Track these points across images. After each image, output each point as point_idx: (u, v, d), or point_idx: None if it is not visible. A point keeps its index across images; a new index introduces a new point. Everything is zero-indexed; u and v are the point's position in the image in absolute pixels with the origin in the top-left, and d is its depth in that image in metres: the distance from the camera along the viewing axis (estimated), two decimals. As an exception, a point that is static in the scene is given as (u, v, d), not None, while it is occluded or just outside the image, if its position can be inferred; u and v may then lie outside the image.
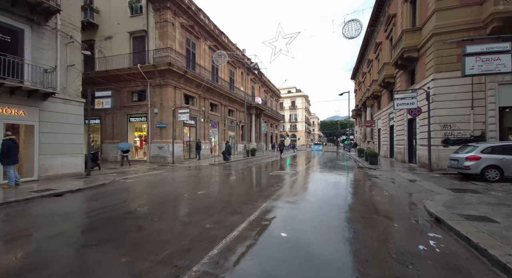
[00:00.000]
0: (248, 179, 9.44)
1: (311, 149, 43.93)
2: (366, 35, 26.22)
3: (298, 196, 6.06)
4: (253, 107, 29.73)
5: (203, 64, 19.55)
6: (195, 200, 5.70)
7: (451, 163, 8.86)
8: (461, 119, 10.11)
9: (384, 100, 20.33)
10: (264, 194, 6.22)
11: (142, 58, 15.72)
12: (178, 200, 5.69)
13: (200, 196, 6.03)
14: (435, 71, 10.41)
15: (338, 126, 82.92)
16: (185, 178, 9.43)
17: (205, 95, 19.59)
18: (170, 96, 15.26)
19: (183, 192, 6.53)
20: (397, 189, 6.85)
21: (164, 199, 5.74)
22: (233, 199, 5.69)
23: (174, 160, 15.01)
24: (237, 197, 6.02)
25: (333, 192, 6.51)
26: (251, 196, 6.01)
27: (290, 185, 7.61)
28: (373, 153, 13.42)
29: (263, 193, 6.37)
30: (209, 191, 6.72)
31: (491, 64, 7.35)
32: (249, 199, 5.71)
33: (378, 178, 8.98)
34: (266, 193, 6.35)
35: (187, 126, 17.91)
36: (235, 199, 5.75)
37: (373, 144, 25.11)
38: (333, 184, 7.94)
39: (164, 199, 5.79)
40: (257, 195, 6.15)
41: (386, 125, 19.52)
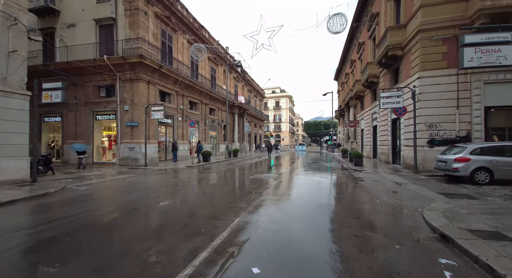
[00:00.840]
0: (224, 184, 8.45)
1: (295, 149, 43.70)
2: (349, 35, 26.19)
3: (278, 206, 5.19)
4: (236, 107, 28.71)
5: (181, 59, 18.24)
6: (152, 214, 4.63)
7: (438, 164, 8.46)
8: (446, 119, 9.82)
9: (367, 100, 20.20)
10: (239, 204, 5.29)
11: (110, 49, 14.17)
12: (130, 215, 4.58)
13: (161, 208, 4.96)
14: (420, 69, 10.06)
15: (321, 127, 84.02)
16: (153, 183, 8.25)
17: (184, 93, 18.28)
18: (142, 92, 13.86)
19: (142, 203, 5.42)
20: (387, 195, 6.21)
21: (112, 215, 4.60)
22: (201, 212, 4.69)
23: (147, 162, 13.63)
24: (207, 208, 5.02)
25: (319, 200, 5.72)
26: (223, 207, 5.04)
27: (270, 191, 6.74)
28: (358, 154, 12.97)
29: (238, 202, 5.43)
30: (175, 200, 5.66)
31: (491, 56, 6.87)
32: (221, 211, 4.74)
33: (365, 181, 8.37)
34: (242, 202, 5.42)
35: (163, 126, 16.54)
36: (203, 211, 4.75)
37: (356, 144, 25.07)
38: (319, 189, 7.19)
39: (113, 214, 4.66)
40: (231, 205, 5.20)
41: (369, 126, 19.37)
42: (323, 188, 7.38)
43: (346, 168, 13.05)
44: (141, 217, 4.44)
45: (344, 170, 12.19)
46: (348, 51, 29.66)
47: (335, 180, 9.20)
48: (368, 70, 17.08)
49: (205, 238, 3.31)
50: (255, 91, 40.58)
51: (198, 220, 4.12)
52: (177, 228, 3.74)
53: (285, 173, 11.12)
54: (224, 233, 3.49)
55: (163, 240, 3.29)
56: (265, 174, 10.24)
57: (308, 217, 4.44)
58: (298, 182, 8.45)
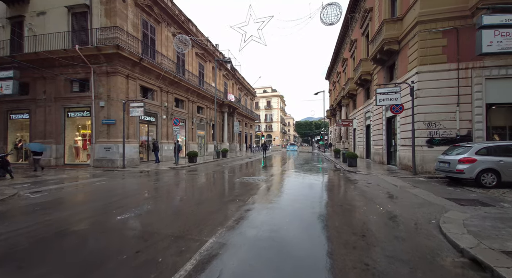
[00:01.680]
0: (205, 189, 7.48)
1: (286, 149, 43.07)
2: (340, 33, 25.71)
3: (265, 219, 4.29)
4: (225, 105, 27.66)
5: (166, 54, 17.07)
6: (98, 234, 3.60)
7: (440, 165, 7.82)
8: (446, 117, 9.23)
9: (360, 99, 19.67)
10: (218, 216, 4.36)
11: (84, 39, 12.88)
12: (68, 235, 3.52)
13: (115, 225, 3.95)
14: (419, 63, 9.43)
15: (312, 127, 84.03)
16: (123, 189, 7.17)
17: (168, 89, 17.12)
18: (120, 87, 12.64)
19: (95, 217, 4.38)
20: (390, 202, 5.43)
21: (44, 234, 3.53)
22: (166, 229, 3.72)
23: (126, 163, 12.44)
24: (175, 223, 4.05)
25: (314, 210, 4.86)
26: (197, 221, 4.10)
27: (257, 198, 5.83)
28: (353, 154, 12.28)
29: (217, 213, 4.50)
30: (140, 211, 4.66)
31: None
32: (192, 227, 3.79)
33: (362, 185, 7.61)
34: (221, 214, 4.49)
35: (145, 124, 15.33)
36: (169, 228, 3.79)
37: (349, 144, 24.58)
38: (313, 195, 6.34)
39: (47, 233, 3.59)
40: (208, 218, 4.26)
41: (362, 125, 18.83)
42: (317, 194, 6.55)
43: (339, 169, 12.33)
44: (80, 241, 3.34)
45: (338, 171, 11.46)
46: (339, 50, 29.22)
47: (330, 184, 8.41)
48: (361, 67, 16.50)
49: (158, 276, 2.35)
50: (246, 90, 39.64)
51: (158, 243, 3.14)
52: (125, 256, 2.76)
53: (275, 175, 10.25)
54: (187, 264, 2.54)
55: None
56: (253, 177, 9.33)
57: (301, 234, 3.57)
58: (289, 186, 7.59)
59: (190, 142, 20.63)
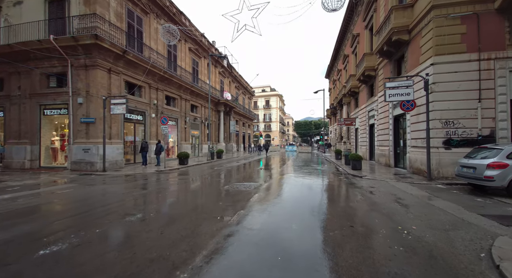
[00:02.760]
0: (182, 202, 6.31)
1: (285, 150, 41.95)
2: (341, 28, 24.58)
3: (250, 250, 3.14)
4: (221, 104, 26.50)
5: (155, 48, 15.90)
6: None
7: (463, 171, 6.69)
8: (466, 114, 8.10)
9: (363, 96, 18.54)
10: (184, 246, 3.21)
11: (61, 29, 11.70)
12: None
13: (34, 262, 2.80)
14: (434, 53, 8.29)
15: (312, 127, 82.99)
16: (80, 202, 5.99)
17: (158, 86, 15.94)
18: (100, 81, 11.45)
19: (14, 251, 3.23)
20: (413, 219, 4.29)
21: None
22: (111, 270, 2.57)
23: (108, 166, 11.28)
24: (114, 267, 2.89)
25: (317, 237, 3.72)
26: (150, 260, 2.94)
27: (245, 216, 4.69)
28: (357, 156, 11.14)
29: (185, 243, 3.35)
30: (80, 240, 3.49)
31: None
32: (140, 272, 2.64)
33: (372, 194, 6.47)
34: (190, 244, 3.35)
35: (131, 123, 14.15)
36: (118, 268, 2.63)
37: (350, 144, 23.46)
38: (315, 211, 5.20)
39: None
40: (168, 252, 3.12)
41: (365, 125, 17.70)
42: (320, 208, 5.40)
43: (342, 172, 11.19)
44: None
45: (340, 175, 10.32)
46: (340, 46, 28.09)
47: (334, 193, 7.27)
48: (364, 62, 15.37)
49: None
50: (243, 89, 38.47)
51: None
52: None
53: (270, 180, 9.09)
54: None
55: None
56: (245, 183, 8.17)
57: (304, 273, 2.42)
58: (285, 197, 6.43)
59: (183, 142, 19.46)
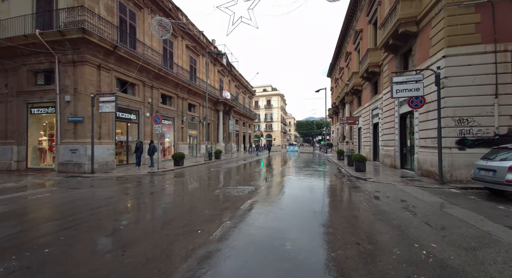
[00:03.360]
0: (164, 210, 5.65)
1: (286, 150, 41.23)
2: (344, 24, 23.84)
3: (235, 265, 2.48)
4: (220, 103, 25.86)
5: (150, 44, 15.30)
6: None
7: (481, 174, 5.98)
8: (481, 111, 7.37)
9: (366, 94, 17.81)
10: (155, 269, 2.57)
11: (49, 23, 11.13)
12: None
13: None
14: (447, 45, 7.58)
15: (314, 127, 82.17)
16: (52, 209, 5.37)
17: (153, 84, 15.35)
18: (89, 78, 10.87)
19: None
20: (431, 234, 3.60)
21: None
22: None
23: (97, 167, 10.72)
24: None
25: (318, 260, 3.05)
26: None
27: (229, 230, 4.03)
28: (361, 157, 10.43)
29: (156, 265, 2.71)
30: (16, 265, 2.87)
31: None
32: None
33: (379, 199, 5.78)
34: (158, 269, 2.70)
35: (124, 122, 13.56)
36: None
37: (353, 144, 22.72)
38: (315, 223, 4.54)
39: None
40: (135, 276, 2.47)
41: (369, 124, 16.98)
42: (321, 218, 4.73)
43: (345, 174, 10.50)
44: None
45: (343, 177, 9.62)
46: (342, 44, 27.36)
47: (337, 199, 6.59)
48: (368, 58, 14.65)
49: None
50: (244, 88, 37.80)
51: None
52: None
53: (267, 183, 8.42)
54: None
55: None
56: (239, 187, 7.52)
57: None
58: (282, 204, 5.75)
59: (180, 142, 18.85)
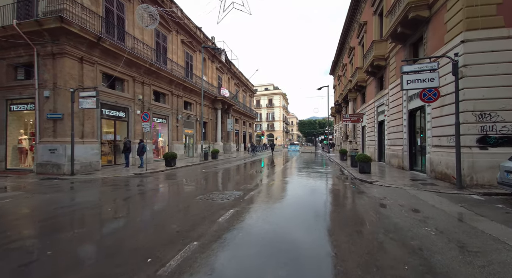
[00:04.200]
0: (131, 221, 4.77)
1: (288, 150, 40.24)
2: (347, 18, 22.79)
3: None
4: (218, 101, 25.00)
5: (141, 38, 14.49)
6: None
7: (508, 177, 5.00)
8: (506, 105, 6.36)
9: (371, 91, 16.78)
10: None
11: (30, 13, 10.35)
12: None
13: None
14: (466, 28, 6.58)
15: (316, 126, 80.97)
16: (9, 221, 4.55)
17: (144, 79, 14.53)
18: (69, 72, 10.07)
19: None
20: (464, 264, 2.66)
21: None
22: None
23: (79, 168, 9.95)
24: None
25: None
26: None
27: (195, 254, 3.13)
28: (365, 157, 9.46)
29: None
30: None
31: None
32: None
33: (389, 208, 4.83)
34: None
35: (112, 120, 12.76)
36: None
37: (357, 144, 21.68)
38: (310, 241, 3.63)
39: None
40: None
41: (373, 122, 15.94)
42: (320, 238, 3.81)
43: (348, 176, 9.54)
44: None
45: (346, 180, 8.66)
46: (345, 39, 26.29)
47: (339, 208, 5.65)
48: (373, 51, 13.63)
49: None
50: (244, 86, 36.91)
51: None
52: None
53: (258, 188, 7.51)
54: None
55: None
56: (227, 192, 6.62)
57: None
58: (272, 215, 4.82)
59: (175, 142, 18.03)
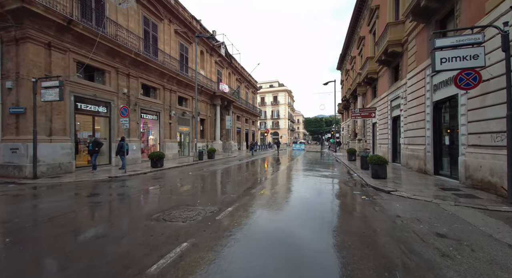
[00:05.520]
0: (36, 260, 3.30)
1: (292, 148, 38.52)
2: (356, 7, 20.86)
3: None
4: (217, 97, 23.50)
5: (125, 24, 13.09)
6: None
7: None
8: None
9: (383, 83, 14.92)
10: None
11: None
12: None
13: None
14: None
15: (323, 124, 78.69)
16: None
17: (130, 71, 13.14)
18: (34, 59, 8.72)
19: None
20: None
21: None
22: None
23: (47, 170, 8.68)
24: None
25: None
26: None
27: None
28: (379, 159, 7.76)
29: None
30: None
31: None
32: None
33: (427, 241, 3.20)
34: None
35: (89, 115, 11.41)
36: None
37: (366, 142, 19.84)
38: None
39: None
40: None
41: (386, 117, 14.12)
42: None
43: (358, 181, 7.87)
44: None
45: (356, 187, 7.00)
46: (354, 29, 24.30)
47: (348, 238, 4.03)
48: (388, 35, 11.79)
49: None
50: (246, 82, 35.30)
51: None
52: None
53: (240, 200, 5.95)
54: None
55: None
56: (198, 207, 5.09)
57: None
58: (244, 253, 3.28)
59: (167, 140, 16.66)
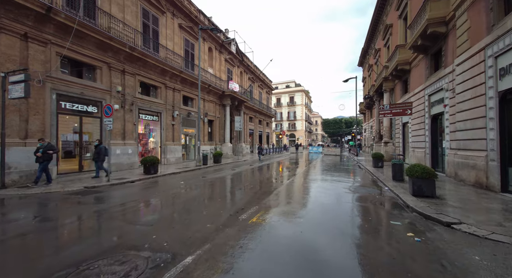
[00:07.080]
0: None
1: (309, 151, 36.06)
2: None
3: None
4: (227, 96, 21.99)
5: (121, 17, 11.96)
6: None
7: None
8: None
9: (419, 74, 12.40)
10: None
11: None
12: None
13: None
14: None
15: (342, 125, 74.69)
16: None
17: (125, 67, 11.97)
18: (7, 52, 7.65)
19: None
20: None
21: None
22: None
23: (20, 179, 7.51)
24: None
25: None
26: None
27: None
28: (425, 171, 5.56)
29: None
30: None
31: None
32: None
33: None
34: None
35: (76, 116, 10.28)
36: None
37: (394, 145, 17.17)
38: None
39: None
40: None
41: (423, 116, 11.61)
42: None
43: (394, 200, 5.73)
44: None
45: (394, 212, 4.90)
46: (379, 18, 21.63)
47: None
48: (426, 13, 9.42)
49: None
50: (260, 81, 33.60)
51: None
52: None
53: (221, 235, 4.13)
54: None
55: None
56: (140, 256, 3.39)
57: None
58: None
59: (170, 143, 15.38)
